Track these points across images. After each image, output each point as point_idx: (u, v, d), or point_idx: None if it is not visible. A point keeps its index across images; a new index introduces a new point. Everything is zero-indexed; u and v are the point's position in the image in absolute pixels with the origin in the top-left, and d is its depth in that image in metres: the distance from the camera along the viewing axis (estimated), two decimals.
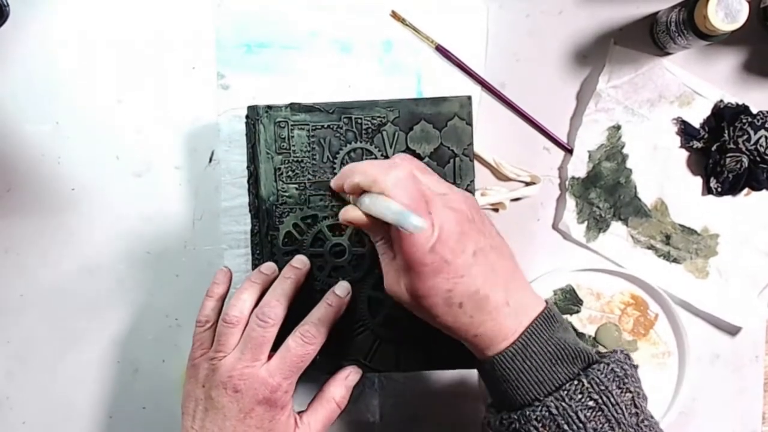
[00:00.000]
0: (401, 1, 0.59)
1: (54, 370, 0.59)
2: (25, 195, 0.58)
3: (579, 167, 0.60)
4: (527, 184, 0.60)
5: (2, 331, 0.59)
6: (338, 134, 0.51)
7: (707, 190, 0.60)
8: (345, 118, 0.51)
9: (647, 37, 0.60)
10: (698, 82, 0.60)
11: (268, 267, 0.50)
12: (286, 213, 0.52)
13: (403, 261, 0.40)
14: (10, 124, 0.58)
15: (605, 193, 0.60)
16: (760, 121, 0.58)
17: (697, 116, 0.60)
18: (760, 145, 0.58)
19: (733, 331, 0.62)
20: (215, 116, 0.58)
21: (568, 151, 0.60)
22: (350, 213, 0.44)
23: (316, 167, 0.52)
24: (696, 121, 0.60)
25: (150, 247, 0.59)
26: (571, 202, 0.60)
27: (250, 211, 0.53)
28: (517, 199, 0.60)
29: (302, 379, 0.46)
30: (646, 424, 0.41)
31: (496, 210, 0.60)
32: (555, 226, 0.61)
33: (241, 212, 0.58)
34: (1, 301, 0.58)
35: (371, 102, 0.51)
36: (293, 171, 0.51)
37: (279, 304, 0.46)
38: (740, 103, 0.59)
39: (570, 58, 0.60)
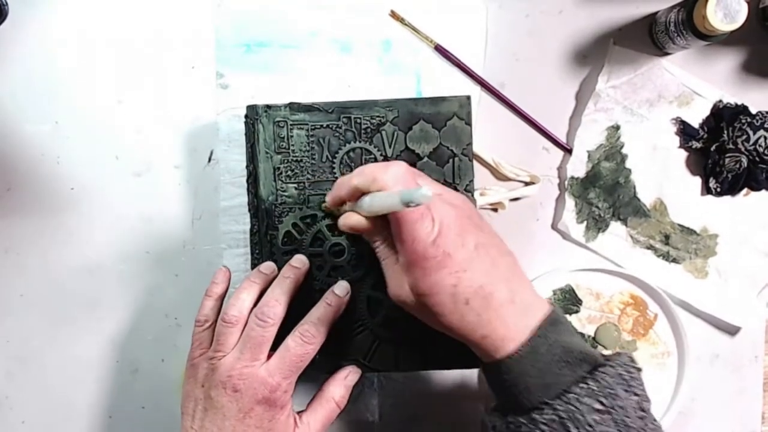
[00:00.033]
0: (400, 0, 0.59)
1: (54, 370, 0.59)
2: (25, 195, 0.58)
3: (578, 167, 0.60)
4: (526, 183, 0.60)
5: (2, 331, 0.59)
6: (337, 134, 0.51)
7: (706, 190, 0.60)
8: (344, 117, 0.51)
9: (646, 38, 0.60)
10: (697, 82, 0.60)
11: (268, 266, 0.50)
12: (285, 212, 0.52)
13: (405, 258, 0.41)
14: (9, 123, 0.58)
15: (604, 193, 0.60)
16: (759, 121, 0.58)
17: (696, 116, 0.60)
18: (759, 146, 0.58)
19: (732, 331, 0.62)
20: (214, 116, 0.58)
21: (568, 151, 0.60)
22: (351, 219, 0.44)
23: (316, 167, 0.52)
24: (695, 121, 0.60)
25: (149, 246, 0.59)
26: (570, 202, 0.60)
27: (249, 210, 0.53)
28: (517, 199, 0.60)
29: (302, 378, 0.46)
30: (651, 427, 0.41)
31: (495, 210, 0.60)
32: (554, 226, 0.61)
33: (240, 212, 0.58)
34: (1, 301, 0.59)
35: (370, 102, 0.51)
36: (292, 170, 0.52)
37: (278, 303, 0.46)
38: (739, 103, 0.59)
39: (569, 58, 0.60)
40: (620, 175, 0.60)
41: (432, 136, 0.52)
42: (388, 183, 0.41)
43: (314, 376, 0.50)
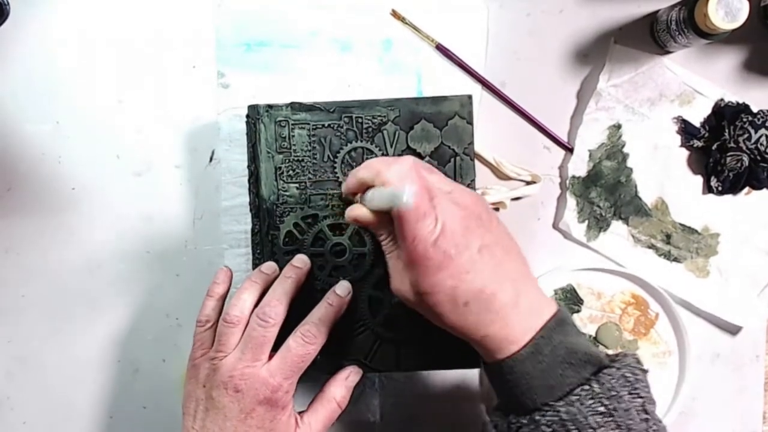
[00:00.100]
0: (401, 0, 0.58)
1: (54, 370, 0.59)
2: (26, 194, 0.58)
3: (579, 166, 0.60)
4: (528, 183, 0.60)
5: (2, 331, 0.59)
6: (339, 133, 0.51)
7: (708, 189, 0.60)
8: (345, 117, 0.51)
9: (648, 36, 0.60)
10: (699, 80, 0.60)
11: (269, 266, 0.50)
12: (286, 212, 0.51)
13: (407, 256, 0.40)
14: (10, 123, 0.58)
15: (606, 192, 0.60)
16: (761, 119, 0.58)
17: (697, 115, 0.60)
18: (761, 144, 0.58)
19: (733, 330, 0.62)
20: (215, 115, 0.58)
21: (569, 150, 0.60)
22: (355, 211, 0.44)
23: (317, 166, 0.51)
24: (696, 120, 0.60)
25: (150, 246, 0.59)
26: (571, 201, 0.60)
27: (250, 210, 0.52)
28: (518, 198, 0.60)
29: (303, 379, 0.46)
30: (654, 429, 0.40)
31: (496, 209, 0.60)
32: (555, 226, 0.61)
33: (241, 211, 0.57)
34: (1, 301, 0.58)
35: (372, 101, 0.51)
36: (294, 170, 0.51)
37: (280, 303, 0.46)
38: (741, 101, 0.59)
39: (570, 57, 0.60)
40: (621, 174, 0.60)
41: (433, 135, 0.52)
42: (391, 179, 0.40)
43: (315, 376, 0.50)
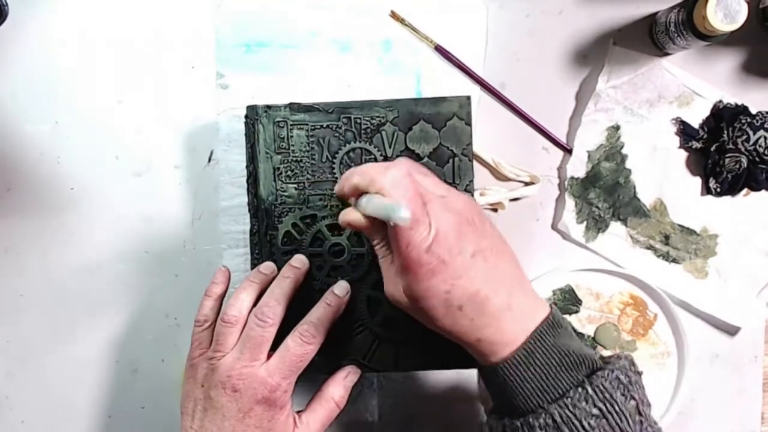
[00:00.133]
0: (400, 0, 0.59)
1: (54, 369, 0.59)
2: (25, 195, 0.58)
3: (578, 167, 0.60)
4: (526, 184, 0.60)
5: (2, 331, 0.59)
6: (337, 134, 0.51)
7: (706, 190, 0.60)
8: (344, 117, 0.51)
9: (646, 38, 0.60)
10: (697, 82, 0.60)
11: (267, 266, 0.50)
12: (285, 212, 0.52)
13: (400, 262, 0.40)
14: (9, 123, 0.58)
15: (604, 193, 0.60)
16: (759, 121, 0.58)
17: (696, 116, 0.60)
18: (759, 146, 0.58)
19: (732, 331, 0.62)
20: (214, 116, 0.58)
21: (568, 151, 0.60)
22: (349, 215, 0.43)
23: (315, 167, 0.52)
24: (695, 122, 0.60)
25: (149, 246, 0.59)
26: (570, 202, 0.60)
27: (249, 210, 0.53)
28: (516, 199, 0.60)
29: (301, 378, 0.46)
30: (649, 431, 0.41)
31: (495, 210, 0.60)
32: (554, 226, 0.61)
33: (240, 212, 0.58)
34: (1, 301, 0.59)
35: (370, 102, 0.51)
36: (292, 171, 0.52)
37: (278, 303, 0.46)
38: (739, 103, 0.59)
39: (569, 59, 0.60)
40: (620, 176, 0.60)
41: (432, 136, 0.52)
42: (385, 187, 0.40)
43: (314, 376, 0.50)
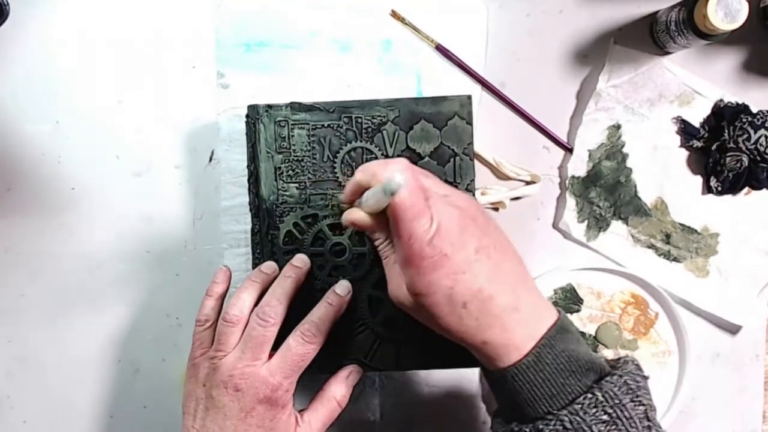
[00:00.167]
0: (401, 0, 0.59)
1: (54, 369, 0.59)
2: (25, 194, 0.58)
3: (579, 166, 0.60)
4: (527, 183, 0.60)
5: (2, 331, 0.59)
6: (338, 133, 0.51)
7: (707, 189, 0.60)
8: (345, 117, 0.51)
9: (647, 37, 0.60)
10: (698, 81, 0.60)
11: (269, 266, 0.50)
12: (286, 212, 0.52)
13: (402, 255, 0.40)
14: (10, 123, 0.58)
15: (605, 192, 0.60)
16: (760, 120, 0.58)
17: (697, 115, 0.60)
18: (760, 144, 0.58)
19: (733, 330, 0.62)
20: (215, 115, 0.58)
21: (568, 150, 0.60)
22: (353, 214, 0.43)
23: (317, 166, 0.52)
24: (696, 121, 0.60)
25: (150, 246, 0.59)
26: (571, 201, 0.60)
27: (250, 210, 0.53)
28: (517, 198, 0.60)
29: (303, 378, 0.46)
30: None
31: (496, 209, 0.60)
32: (555, 225, 0.61)
33: (241, 211, 0.58)
34: (1, 301, 0.58)
35: (371, 101, 0.51)
36: (293, 170, 0.51)
37: (279, 303, 0.46)
38: (740, 102, 0.59)
39: (570, 58, 0.60)
40: (621, 175, 0.60)
41: (433, 135, 0.52)
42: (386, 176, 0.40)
43: (315, 375, 0.50)
